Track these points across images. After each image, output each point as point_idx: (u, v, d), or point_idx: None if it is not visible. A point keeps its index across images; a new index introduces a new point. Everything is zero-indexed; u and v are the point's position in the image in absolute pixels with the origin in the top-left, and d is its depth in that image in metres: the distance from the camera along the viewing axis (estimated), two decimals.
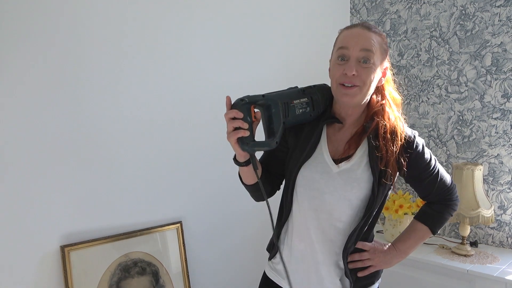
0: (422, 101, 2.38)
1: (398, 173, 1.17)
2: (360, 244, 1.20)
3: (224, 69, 2.00)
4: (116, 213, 1.68)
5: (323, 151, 1.17)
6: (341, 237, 1.17)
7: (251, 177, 1.17)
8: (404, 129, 1.17)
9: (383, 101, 1.17)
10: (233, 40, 2.03)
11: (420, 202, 2.14)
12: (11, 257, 1.42)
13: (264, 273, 1.34)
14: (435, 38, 2.31)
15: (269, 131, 1.10)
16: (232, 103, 1.05)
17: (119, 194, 1.68)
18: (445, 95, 2.29)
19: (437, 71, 2.31)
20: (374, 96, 1.17)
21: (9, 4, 1.36)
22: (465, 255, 2.00)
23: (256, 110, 1.08)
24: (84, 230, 1.59)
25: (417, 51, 2.38)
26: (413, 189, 1.33)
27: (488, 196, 2.10)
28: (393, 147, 1.12)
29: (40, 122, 1.47)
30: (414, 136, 1.18)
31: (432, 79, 2.33)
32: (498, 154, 2.13)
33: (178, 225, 1.84)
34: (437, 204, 1.25)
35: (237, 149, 1.07)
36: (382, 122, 1.13)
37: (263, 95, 1.07)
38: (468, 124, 2.22)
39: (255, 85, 2.11)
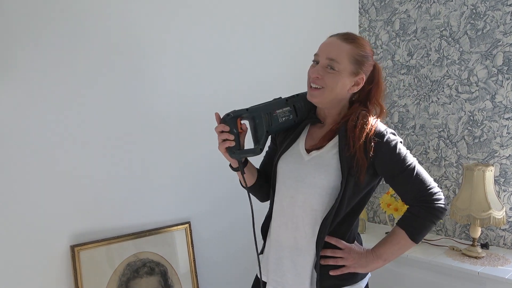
0: (432, 101, 2.35)
1: (367, 164, 1.17)
2: (334, 240, 1.20)
3: (235, 72, 2.00)
4: (125, 213, 1.69)
5: (299, 144, 1.29)
6: (316, 227, 1.21)
7: (248, 180, 1.34)
8: (376, 124, 1.20)
9: (364, 108, 1.24)
10: (242, 41, 2.03)
11: None
12: (21, 256, 1.44)
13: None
14: (445, 38, 2.28)
15: (255, 139, 1.25)
16: (221, 118, 1.20)
17: (128, 195, 1.70)
18: (456, 95, 2.26)
19: (447, 71, 2.29)
20: (358, 104, 1.26)
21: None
22: (475, 257, 1.98)
23: (243, 122, 1.23)
24: (94, 230, 1.61)
25: (427, 51, 2.36)
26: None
27: (500, 198, 2.07)
28: (360, 136, 1.16)
29: (49, 122, 1.48)
30: (386, 131, 1.20)
31: (442, 79, 2.31)
32: (509, 154, 2.10)
33: (187, 225, 1.85)
34: (415, 207, 1.19)
35: (227, 157, 1.23)
36: (353, 117, 1.21)
37: (247, 109, 1.22)
38: (479, 124, 2.19)
39: (264, 86, 2.12)
